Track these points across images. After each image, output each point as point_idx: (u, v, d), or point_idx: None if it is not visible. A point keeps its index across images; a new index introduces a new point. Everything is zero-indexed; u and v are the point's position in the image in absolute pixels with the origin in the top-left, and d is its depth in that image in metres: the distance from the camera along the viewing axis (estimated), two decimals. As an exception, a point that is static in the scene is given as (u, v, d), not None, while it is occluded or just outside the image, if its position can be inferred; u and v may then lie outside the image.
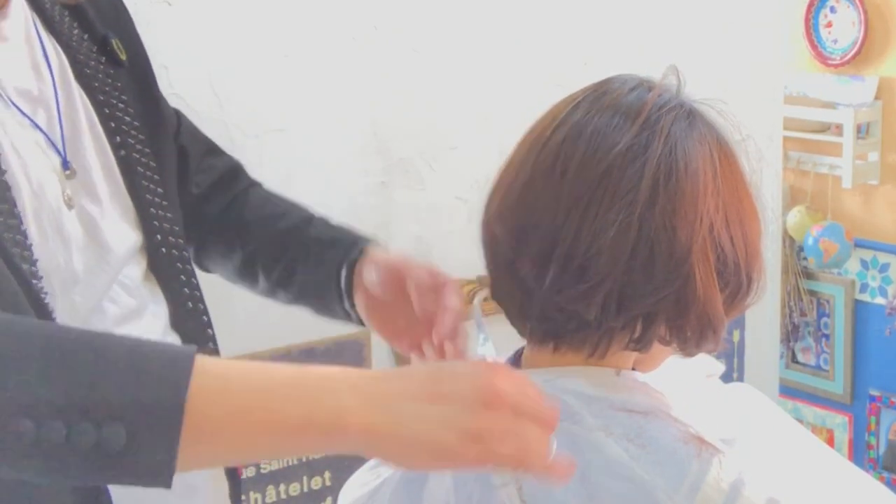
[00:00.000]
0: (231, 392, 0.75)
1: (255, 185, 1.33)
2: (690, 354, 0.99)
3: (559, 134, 0.94)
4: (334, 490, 1.96)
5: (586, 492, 0.90)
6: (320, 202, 1.32)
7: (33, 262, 0.94)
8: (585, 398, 0.94)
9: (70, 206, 1.02)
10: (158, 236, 1.11)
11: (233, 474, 1.21)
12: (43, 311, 0.92)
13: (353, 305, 1.17)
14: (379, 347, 2.03)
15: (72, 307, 1.00)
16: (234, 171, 1.32)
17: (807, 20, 3.30)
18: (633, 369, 1.00)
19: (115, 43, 1.12)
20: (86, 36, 1.11)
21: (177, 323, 1.13)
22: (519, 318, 1.00)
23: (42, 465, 0.73)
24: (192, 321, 1.14)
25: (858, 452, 3.37)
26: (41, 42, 1.05)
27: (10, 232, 0.92)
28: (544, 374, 0.97)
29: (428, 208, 2.04)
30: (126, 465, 0.72)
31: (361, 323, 1.19)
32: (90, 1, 1.12)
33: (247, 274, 1.26)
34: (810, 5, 3.29)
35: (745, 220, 0.96)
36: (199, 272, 1.21)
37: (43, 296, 0.93)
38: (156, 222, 1.11)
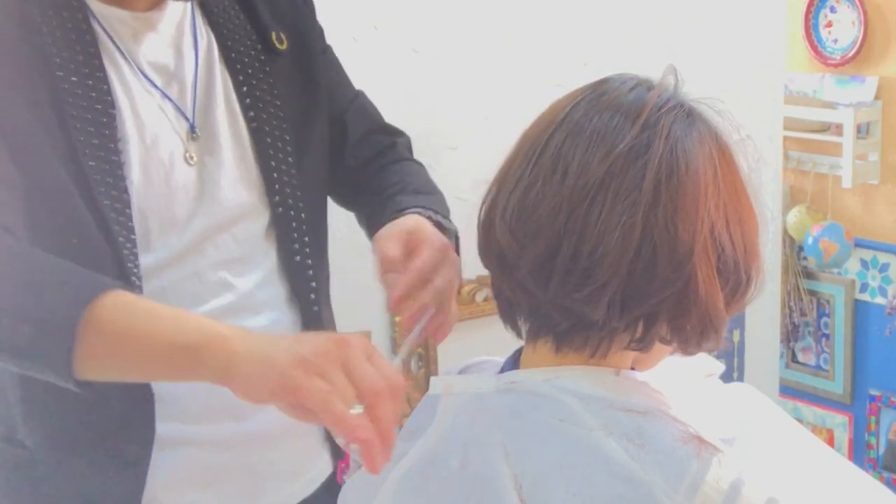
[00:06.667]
0: (127, 314, 0.98)
1: (404, 160, 1.47)
2: (691, 353, 0.99)
3: (559, 134, 0.94)
4: (334, 490, 1.95)
5: (586, 491, 0.90)
6: (320, 202, 1.33)
7: (121, 200, 1.14)
8: (585, 398, 0.94)
9: (190, 164, 1.21)
10: (278, 197, 1.27)
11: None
12: (111, 239, 1.12)
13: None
14: (378, 347, 2.03)
15: (167, 244, 1.19)
16: (390, 147, 1.47)
17: (807, 20, 3.30)
18: (632, 368, 1.00)
19: (275, 34, 1.29)
20: (248, 26, 1.29)
21: (286, 274, 1.29)
22: (520, 318, 1.01)
23: None
24: (297, 273, 1.29)
25: (858, 452, 3.37)
26: (195, 29, 1.24)
27: (101, 174, 1.12)
28: (544, 373, 0.98)
29: (428, 208, 2.04)
30: (33, 358, 0.98)
31: None
32: None
33: (369, 233, 1.38)
34: (810, 5, 3.28)
35: (743, 220, 0.96)
36: (316, 238, 1.34)
37: (117, 227, 1.12)
38: (277, 185, 1.27)
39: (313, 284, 1.31)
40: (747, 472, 0.90)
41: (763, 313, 2.62)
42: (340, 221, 1.47)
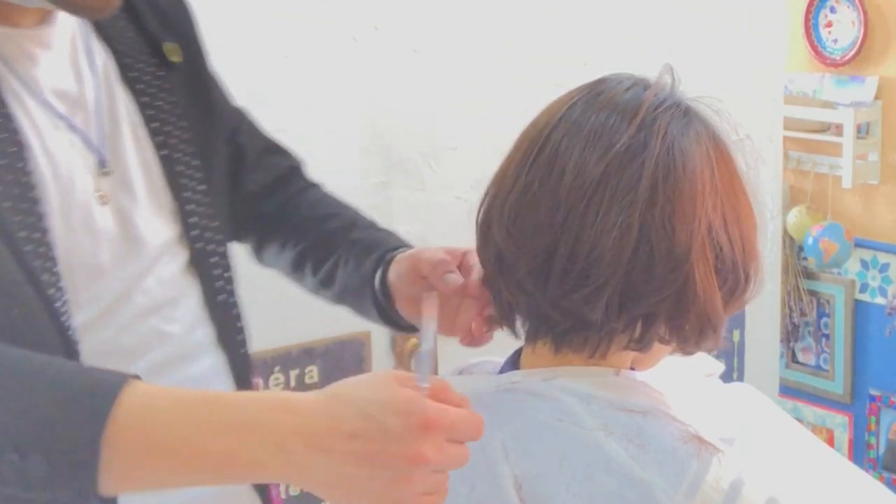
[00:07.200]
0: (151, 433, 0.80)
1: (312, 186, 1.37)
2: (690, 353, 0.99)
3: (556, 134, 0.94)
4: (334, 490, 1.95)
5: (586, 491, 0.90)
6: (320, 202, 1.33)
7: (49, 258, 0.98)
8: (585, 398, 0.94)
9: (104, 202, 1.07)
10: (196, 231, 1.15)
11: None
12: (48, 304, 0.97)
13: (392, 309, 1.21)
14: (378, 347, 2.03)
15: (96, 297, 1.04)
16: (292, 171, 1.37)
17: (807, 20, 3.30)
18: (632, 368, 1.00)
19: (167, 46, 1.16)
20: (140, 38, 1.15)
21: (211, 314, 1.17)
22: (519, 319, 1.00)
23: None
24: (223, 313, 1.18)
25: (858, 452, 3.37)
26: (89, 46, 1.09)
27: (27, 230, 0.97)
28: (544, 373, 0.97)
29: (428, 208, 2.04)
30: (49, 492, 0.79)
31: (400, 328, 1.24)
32: (150, 4, 1.16)
33: (298, 271, 1.32)
34: (810, 5, 3.28)
35: (741, 219, 0.96)
36: (233, 272, 1.24)
37: (52, 290, 0.97)
38: (194, 218, 1.15)
39: (239, 325, 1.20)
40: (747, 472, 0.89)
41: (763, 313, 2.62)
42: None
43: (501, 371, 1.04)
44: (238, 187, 1.30)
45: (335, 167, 1.92)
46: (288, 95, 1.87)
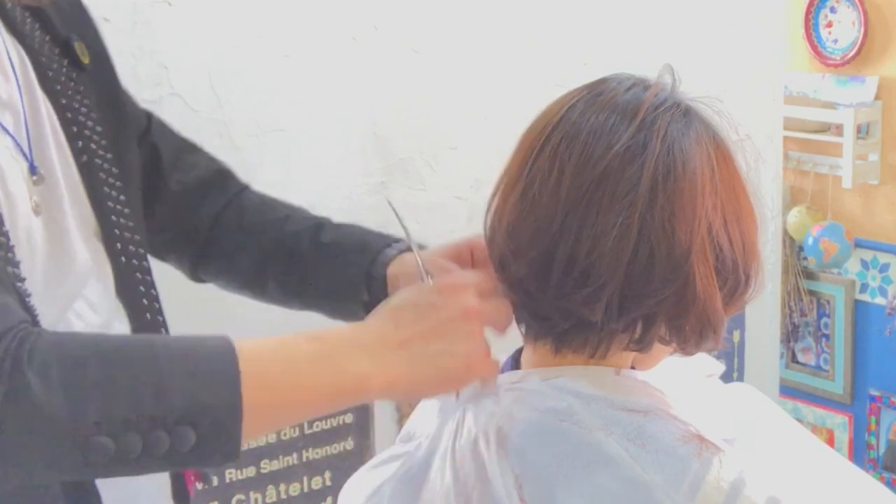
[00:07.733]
0: (272, 377, 0.85)
1: (246, 188, 1.30)
2: (690, 353, 0.99)
3: (556, 135, 0.94)
4: (334, 490, 1.96)
5: (586, 491, 0.90)
6: (320, 202, 1.33)
7: (21, 279, 0.93)
8: (585, 398, 0.94)
9: (38, 213, 1.00)
10: (119, 245, 1.08)
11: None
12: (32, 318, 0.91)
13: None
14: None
15: (36, 323, 0.95)
16: (221, 173, 1.29)
17: (807, 20, 3.30)
18: (632, 368, 1.00)
19: (78, 46, 1.10)
20: (48, 38, 1.08)
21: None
22: (519, 319, 1.00)
23: (125, 471, 0.81)
24: (151, 333, 1.11)
25: (858, 452, 3.37)
26: (4, 43, 1.02)
27: (2, 250, 0.91)
28: (544, 373, 0.97)
29: (428, 208, 2.04)
30: (198, 458, 0.82)
31: None
32: (52, 2, 1.08)
33: (255, 284, 1.26)
34: (810, 5, 3.29)
35: (742, 219, 0.96)
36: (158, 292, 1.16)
37: (28, 298, 0.92)
38: (116, 230, 1.08)
39: None
40: (748, 472, 0.89)
41: (763, 313, 2.62)
42: (339, 216, 1.45)
43: (501, 371, 1.04)
44: (163, 188, 1.23)
45: (335, 167, 1.93)
46: (288, 95, 1.87)
